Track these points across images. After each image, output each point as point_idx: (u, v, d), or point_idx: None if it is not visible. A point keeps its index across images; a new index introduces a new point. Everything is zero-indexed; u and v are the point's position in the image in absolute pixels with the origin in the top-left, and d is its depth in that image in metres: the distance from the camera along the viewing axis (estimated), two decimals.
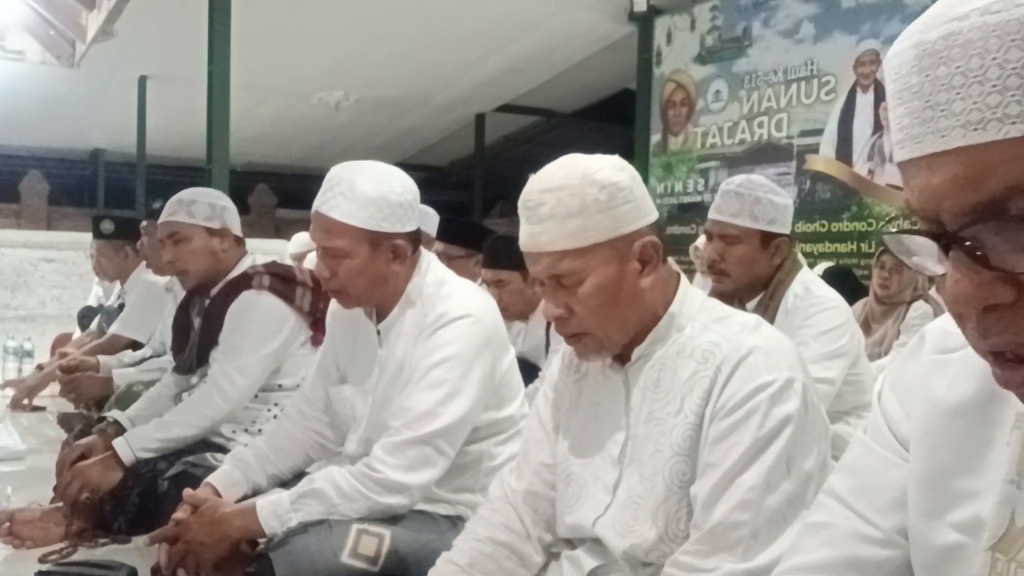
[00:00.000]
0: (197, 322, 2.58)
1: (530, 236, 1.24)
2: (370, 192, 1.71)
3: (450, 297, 1.77)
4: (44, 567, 2.03)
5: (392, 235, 1.74)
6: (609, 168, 1.23)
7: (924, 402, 0.78)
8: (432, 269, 1.84)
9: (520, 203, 1.26)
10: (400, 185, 1.76)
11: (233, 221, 2.58)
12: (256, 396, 2.45)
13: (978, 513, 0.71)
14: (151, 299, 3.87)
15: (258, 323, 2.39)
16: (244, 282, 2.46)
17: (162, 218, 2.55)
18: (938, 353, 0.79)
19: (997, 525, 0.69)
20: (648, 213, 1.26)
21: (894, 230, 0.63)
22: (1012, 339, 0.59)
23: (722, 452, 1.15)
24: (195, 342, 2.54)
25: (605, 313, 1.24)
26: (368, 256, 1.74)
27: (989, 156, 0.55)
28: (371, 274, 1.75)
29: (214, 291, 2.53)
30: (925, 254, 0.62)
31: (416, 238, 1.81)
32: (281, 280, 2.46)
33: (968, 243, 0.57)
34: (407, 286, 1.80)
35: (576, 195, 1.20)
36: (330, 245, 1.74)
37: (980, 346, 0.61)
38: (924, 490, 0.76)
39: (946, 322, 0.80)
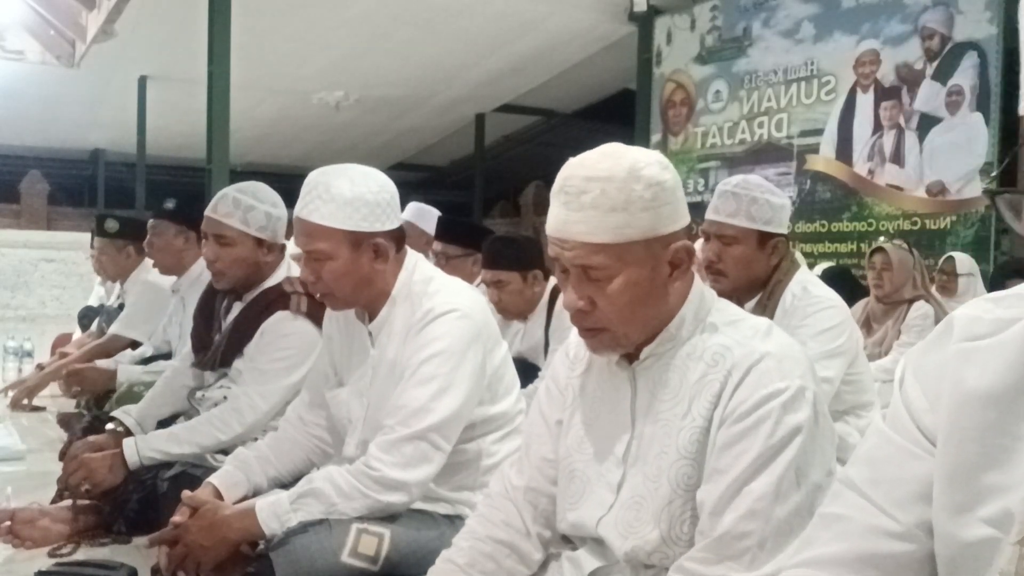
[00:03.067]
0: (226, 321, 2.51)
1: (564, 223, 1.20)
2: (346, 193, 1.72)
3: (437, 293, 1.78)
4: (51, 563, 2.03)
5: (372, 234, 1.75)
6: (656, 165, 1.20)
7: (952, 392, 0.76)
8: (419, 267, 1.84)
9: (558, 186, 1.21)
10: (377, 184, 1.77)
11: (283, 232, 2.46)
12: None
13: (1008, 507, 0.70)
14: (151, 299, 3.87)
15: (290, 350, 2.32)
16: (281, 300, 2.37)
17: (213, 213, 2.42)
18: (968, 340, 0.77)
19: None
20: (684, 216, 1.24)
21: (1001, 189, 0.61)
22: None
23: (731, 459, 1.14)
24: (222, 344, 2.47)
25: (630, 312, 1.22)
26: (350, 257, 1.75)
27: None
28: (355, 275, 1.76)
29: (248, 296, 2.45)
30: None
31: (399, 237, 1.82)
32: (318, 305, 2.27)
33: None
34: (394, 285, 1.81)
35: (623, 189, 1.16)
36: (312, 248, 1.75)
37: None
38: (953, 485, 0.74)
39: (975, 308, 0.79)
